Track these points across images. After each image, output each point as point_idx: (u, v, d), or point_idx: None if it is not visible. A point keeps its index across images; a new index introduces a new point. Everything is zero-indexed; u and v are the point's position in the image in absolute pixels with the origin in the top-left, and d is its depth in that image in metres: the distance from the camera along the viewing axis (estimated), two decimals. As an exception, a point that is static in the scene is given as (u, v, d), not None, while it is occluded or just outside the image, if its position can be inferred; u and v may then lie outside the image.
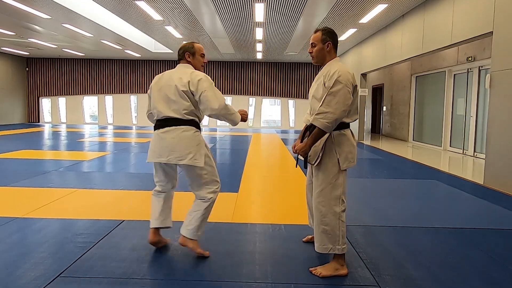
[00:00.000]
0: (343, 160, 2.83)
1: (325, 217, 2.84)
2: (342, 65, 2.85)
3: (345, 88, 2.71)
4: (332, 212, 2.83)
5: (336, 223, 2.82)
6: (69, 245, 3.37)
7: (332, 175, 2.84)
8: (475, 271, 3.01)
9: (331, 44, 2.91)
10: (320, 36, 2.91)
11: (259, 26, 12.16)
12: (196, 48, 3.24)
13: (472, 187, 6.23)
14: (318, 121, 2.71)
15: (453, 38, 7.77)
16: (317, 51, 2.93)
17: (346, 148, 2.85)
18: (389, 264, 3.09)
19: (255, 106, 21.90)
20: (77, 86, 21.70)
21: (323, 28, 2.94)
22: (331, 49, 2.92)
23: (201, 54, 3.26)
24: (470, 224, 4.25)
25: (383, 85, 16.67)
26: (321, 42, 2.90)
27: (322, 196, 2.86)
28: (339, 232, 2.82)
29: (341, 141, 2.84)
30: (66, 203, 4.80)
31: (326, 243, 2.85)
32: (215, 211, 4.38)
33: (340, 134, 2.85)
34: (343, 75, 2.74)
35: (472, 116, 10.17)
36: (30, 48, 17.94)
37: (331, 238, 2.83)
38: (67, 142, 12.34)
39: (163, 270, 2.92)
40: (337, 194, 2.83)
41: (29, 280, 2.70)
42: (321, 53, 2.92)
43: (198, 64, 3.24)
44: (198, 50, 3.24)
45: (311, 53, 2.97)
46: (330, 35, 2.91)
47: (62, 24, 12.13)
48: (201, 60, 3.26)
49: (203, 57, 3.28)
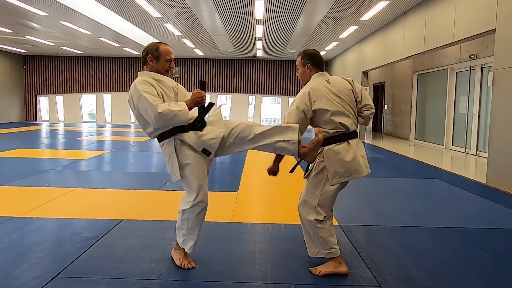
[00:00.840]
0: (332, 175, 2.86)
1: (304, 223, 2.99)
2: (310, 84, 2.97)
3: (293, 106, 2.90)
4: (307, 220, 2.93)
5: (314, 230, 2.90)
6: (66, 245, 3.37)
7: (313, 186, 2.93)
8: (477, 271, 3.01)
9: (310, 65, 3.04)
10: (300, 60, 3.09)
11: (259, 24, 12.15)
12: (161, 51, 2.89)
13: (475, 186, 6.23)
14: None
15: (455, 35, 7.76)
16: (300, 74, 3.12)
17: (336, 162, 2.84)
18: (390, 264, 3.09)
19: (255, 104, 21.89)
20: (75, 84, 21.69)
21: (302, 52, 3.10)
22: (312, 69, 3.05)
23: (167, 59, 2.91)
24: (472, 224, 4.25)
25: (384, 83, 16.66)
26: (302, 65, 3.08)
27: (301, 205, 3.00)
28: (318, 239, 2.89)
29: (329, 156, 2.86)
30: (64, 203, 4.80)
31: (311, 247, 2.97)
32: (214, 211, 4.38)
33: (328, 150, 2.87)
34: (298, 95, 2.93)
35: (474, 115, 10.16)
36: (27, 46, 17.92)
37: (314, 243, 2.93)
38: (64, 140, 12.34)
39: (162, 270, 2.92)
40: (312, 204, 2.90)
41: (26, 281, 2.70)
42: (304, 75, 3.09)
43: (162, 69, 2.90)
44: (163, 53, 2.89)
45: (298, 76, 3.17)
46: (308, 57, 3.05)
47: (59, 22, 12.11)
48: (165, 65, 2.91)
49: (169, 62, 2.91)
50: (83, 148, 10.49)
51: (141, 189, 5.57)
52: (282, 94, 21.53)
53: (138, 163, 8.22)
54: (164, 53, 2.90)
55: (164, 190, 5.52)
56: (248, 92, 21.59)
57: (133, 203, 4.85)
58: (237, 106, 21.64)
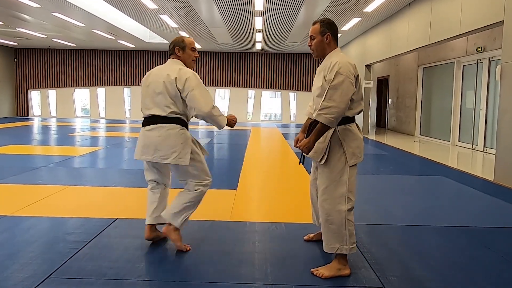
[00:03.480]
0: (350, 156, 2.82)
1: (330, 215, 2.84)
2: (342, 56, 2.84)
3: (347, 80, 2.70)
4: (337, 210, 2.82)
5: (342, 222, 2.81)
6: (59, 244, 3.36)
7: (337, 172, 2.83)
8: (484, 272, 3.01)
9: (330, 35, 2.91)
10: (318, 28, 2.91)
11: (259, 15, 12.12)
12: (186, 42, 3.29)
13: (482, 184, 6.23)
14: (322, 117, 2.70)
15: (462, 27, 7.74)
16: (316, 44, 2.93)
17: (353, 143, 2.84)
18: (394, 265, 3.09)
19: (254, 99, 21.87)
20: (68, 78, 21.65)
21: (321, 20, 2.94)
22: (331, 41, 2.91)
23: (192, 48, 3.31)
24: (480, 223, 4.25)
25: (388, 77, 16.65)
26: (320, 34, 2.90)
27: (326, 194, 2.86)
28: (345, 231, 2.82)
29: (347, 136, 2.83)
30: (56, 201, 4.79)
31: (332, 242, 2.85)
32: (212, 209, 4.38)
33: (345, 129, 2.83)
34: (344, 66, 2.72)
35: (481, 109, 10.16)
36: (18, 38, 17.88)
37: (338, 238, 2.83)
38: (57, 136, 12.33)
39: (158, 271, 2.91)
40: (342, 192, 2.82)
41: (17, 282, 2.69)
42: (321, 45, 2.92)
43: (189, 59, 3.30)
44: (188, 44, 3.29)
45: (311, 46, 2.98)
46: (329, 26, 2.91)
47: (52, 13, 12.07)
48: (191, 54, 3.31)
49: (194, 51, 3.32)
50: (76, 144, 10.47)
51: (136, 187, 5.55)
52: (282, 88, 21.50)
53: (133, 160, 8.20)
54: (189, 43, 3.30)
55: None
56: (247, 86, 21.56)
57: (128, 202, 4.85)
58: (236, 101, 21.63)
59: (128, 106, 22.19)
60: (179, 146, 3.12)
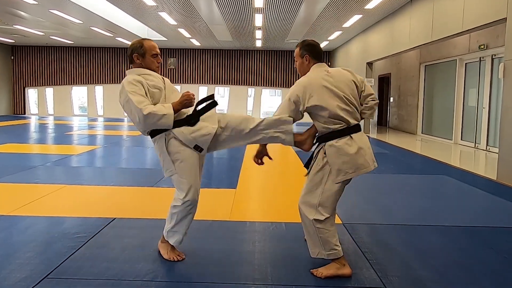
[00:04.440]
0: (336, 173, 2.83)
1: (304, 222, 2.96)
2: (308, 75, 2.97)
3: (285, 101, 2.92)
4: (307, 219, 2.90)
5: (313, 230, 2.88)
6: (56, 244, 3.36)
7: (314, 183, 2.91)
8: (487, 272, 3.01)
9: (309, 56, 3.03)
10: (298, 51, 3.08)
11: (259, 12, 12.10)
12: (146, 47, 2.97)
13: (485, 183, 6.23)
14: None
15: (465, 24, 7.72)
16: (298, 66, 3.11)
17: (339, 159, 2.82)
18: (396, 265, 3.09)
19: (254, 97, 21.87)
20: (65, 76, 21.63)
21: (301, 42, 3.09)
22: (310, 60, 3.03)
23: (153, 55, 3.00)
24: (482, 222, 4.25)
25: (390, 75, 16.63)
26: (300, 56, 3.07)
27: (301, 202, 2.97)
28: (318, 239, 2.87)
29: (331, 153, 2.84)
30: (54, 200, 4.79)
31: (312, 247, 2.95)
32: (211, 209, 4.38)
33: (330, 146, 2.84)
34: (294, 85, 2.94)
35: (484, 108, 10.15)
36: (15, 36, 17.85)
37: (314, 243, 2.91)
38: (54, 135, 12.32)
39: (156, 271, 2.91)
40: (313, 203, 2.88)
41: (15, 282, 2.69)
42: (302, 66, 3.08)
43: (152, 66, 3.00)
44: (148, 50, 2.98)
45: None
46: (307, 48, 3.04)
47: (49, 10, 12.05)
48: (153, 61, 3.00)
49: (155, 57, 3.01)
50: (74, 143, 10.47)
51: (134, 186, 5.56)
52: (282, 86, 21.49)
53: (131, 158, 8.21)
54: (150, 48, 2.98)
55: (158, 187, 5.51)
56: (247, 84, 21.55)
57: (126, 201, 4.84)
58: (236, 99, 21.62)
59: (126, 104, 22.14)
60: (160, 159, 3.00)
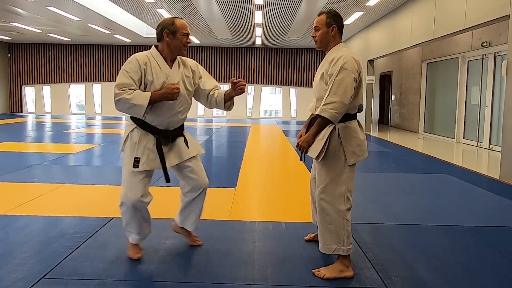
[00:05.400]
0: (350, 155, 2.81)
1: (328, 215, 2.82)
2: (347, 51, 2.84)
3: (350, 76, 2.71)
4: (336, 210, 2.81)
5: (340, 222, 2.80)
6: (54, 244, 3.36)
7: (336, 171, 2.82)
8: (490, 272, 3.00)
9: (336, 28, 2.88)
10: (324, 19, 2.88)
11: (259, 9, 12.08)
12: (177, 25, 2.91)
13: (487, 182, 6.23)
14: (327, 112, 2.70)
15: (467, 22, 7.71)
16: (321, 35, 2.90)
17: (353, 141, 2.82)
18: (398, 265, 3.08)
19: (254, 95, 21.85)
20: (63, 74, 21.61)
21: (327, 11, 2.91)
22: (336, 34, 2.90)
23: (184, 33, 2.93)
24: (485, 222, 4.24)
25: (391, 73, 16.62)
26: (326, 25, 2.87)
27: (325, 193, 2.84)
28: (343, 232, 2.80)
29: (346, 134, 2.82)
30: (51, 200, 4.78)
31: (330, 243, 2.84)
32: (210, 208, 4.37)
33: (345, 127, 2.82)
34: (349, 62, 2.73)
35: (487, 106, 10.15)
36: (12, 33, 17.83)
37: (335, 238, 2.82)
38: (52, 133, 12.31)
39: (155, 271, 2.91)
40: (341, 191, 2.81)
41: (11, 282, 2.68)
42: (326, 37, 2.90)
43: (179, 45, 2.94)
44: (180, 28, 2.91)
45: (314, 37, 2.95)
46: (336, 19, 2.89)
47: (46, 7, 12.04)
48: (182, 39, 2.93)
49: (186, 36, 2.94)
50: (72, 141, 10.46)
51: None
52: (282, 84, 21.48)
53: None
54: (181, 27, 2.93)
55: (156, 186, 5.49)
56: (247, 82, 21.34)
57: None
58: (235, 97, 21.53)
59: (124, 102, 22.13)
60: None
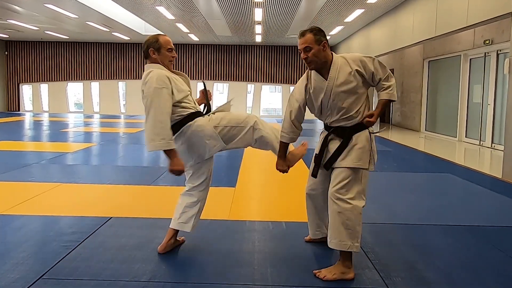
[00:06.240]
0: (373, 163, 2.95)
1: (348, 210, 2.83)
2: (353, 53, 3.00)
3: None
4: (355, 207, 2.84)
5: (358, 218, 2.85)
6: (51, 244, 3.35)
7: (356, 170, 2.88)
8: (493, 273, 3.00)
9: (326, 42, 2.90)
10: (313, 37, 2.85)
11: (259, 6, 12.07)
12: (161, 42, 3.09)
13: (490, 181, 6.23)
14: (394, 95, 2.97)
15: (469, 19, 7.70)
16: (315, 54, 2.86)
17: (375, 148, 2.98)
18: (399, 265, 3.08)
19: (254, 93, 21.85)
20: (61, 72, 21.60)
21: (310, 29, 2.88)
22: (327, 47, 2.92)
23: (168, 49, 3.11)
24: (488, 222, 4.24)
25: (393, 71, 16.62)
26: (316, 43, 2.85)
27: (345, 188, 2.86)
28: (359, 228, 2.86)
29: (374, 142, 2.97)
30: (49, 199, 4.78)
31: (346, 239, 2.83)
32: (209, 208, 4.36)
33: (372, 133, 2.97)
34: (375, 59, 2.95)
35: (489, 104, 10.14)
36: (9, 31, 17.82)
37: (352, 234, 2.83)
38: (49, 132, 12.31)
39: (154, 272, 2.90)
40: (361, 189, 2.90)
41: (8, 283, 2.68)
42: (320, 55, 2.88)
43: (166, 60, 3.11)
44: (164, 44, 3.10)
45: (307, 58, 2.89)
46: (322, 34, 2.89)
47: (44, 4, 12.02)
48: (168, 55, 3.11)
49: (170, 51, 3.12)
50: (70, 140, 10.46)
51: (131, 185, 5.55)
52: (282, 82, 21.48)
53: (128, 156, 8.20)
54: (165, 43, 3.10)
55: (156, 185, 5.51)
56: (246, 80, 21.53)
57: (123, 200, 4.84)
58: (235, 95, 21.55)
59: (123, 100, 22.15)
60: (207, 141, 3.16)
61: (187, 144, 3.09)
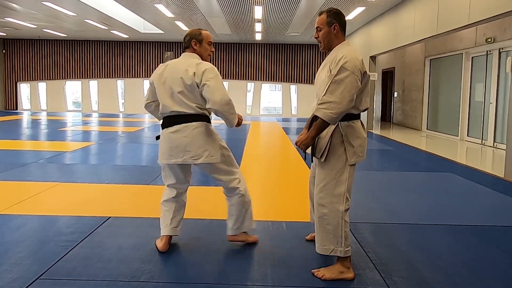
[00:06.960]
0: (352, 155, 2.80)
1: (327, 215, 2.81)
2: (350, 50, 2.81)
3: (351, 76, 2.67)
4: (334, 210, 2.80)
5: (339, 223, 2.79)
6: (49, 244, 3.36)
7: (336, 170, 2.81)
8: (495, 273, 3.00)
9: (338, 26, 2.87)
10: (325, 18, 2.87)
11: (258, 4, 12.06)
12: (203, 35, 3.27)
13: (492, 181, 6.22)
14: (321, 112, 2.68)
15: (471, 17, 7.69)
16: (323, 35, 2.88)
17: (356, 141, 2.81)
18: (400, 265, 3.08)
19: (253, 92, 21.84)
20: (59, 70, 21.59)
21: (327, 10, 2.90)
22: (339, 32, 2.88)
23: (209, 42, 3.29)
24: (490, 221, 4.24)
25: (394, 69, 16.61)
26: (327, 25, 2.86)
27: (324, 192, 2.83)
28: (341, 233, 2.79)
29: (349, 134, 2.81)
30: (47, 198, 4.78)
31: (327, 243, 2.82)
32: (209, 207, 4.37)
33: (348, 126, 2.81)
34: (350, 61, 2.69)
35: (491, 103, 10.14)
36: (7, 28, 17.81)
37: (333, 239, 2.81)
38: (47, 131, 12.31)
39: (153, 271, 2.90)
40: (341, 191, 2.80)
41: (6, 283, 2.68)
42: (328, 37, 2.88)
43: (205, 53, 3.28)
44: (205, 38, 3.27)
45: (317, 38, 2.94)
46: (337, 16, 2.87)
47: (42, 2, 12.01)
48: (208, 48, 3.29)
49: (210, 45, 3.30)
50: (68, 139, 10.46)
51: (130, 184, 5.55)
52: (283, 80, 21.46)
53: (127, 155, 8.20)
54: (206, 37, 3.28)
55: (155, 185, 5.50)
56: (246, 79, 21.51)
57: (121, 199, 4.84)
58: (235, 94, 21.52)
59: (121, 99, 22.13)
60: (210, 144, 3.14)
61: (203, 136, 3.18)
